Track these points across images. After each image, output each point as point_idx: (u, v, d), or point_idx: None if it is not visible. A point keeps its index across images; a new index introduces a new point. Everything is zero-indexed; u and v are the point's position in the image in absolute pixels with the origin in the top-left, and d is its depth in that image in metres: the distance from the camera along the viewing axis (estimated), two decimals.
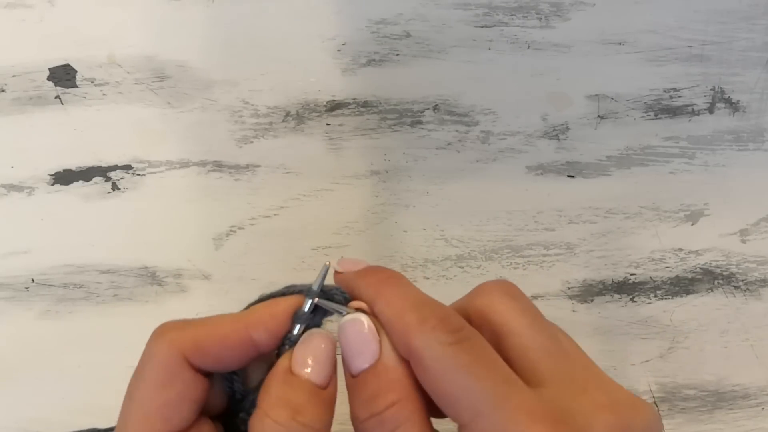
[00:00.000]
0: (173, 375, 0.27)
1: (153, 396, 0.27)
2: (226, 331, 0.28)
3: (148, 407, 0.27)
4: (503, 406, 0.24)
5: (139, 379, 0.27)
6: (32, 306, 0.49)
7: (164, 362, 0.27)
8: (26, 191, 0.49)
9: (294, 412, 0.26)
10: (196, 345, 0.27)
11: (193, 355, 0.27)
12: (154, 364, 0.27)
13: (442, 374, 0.25)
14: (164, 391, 0.27)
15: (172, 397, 0.27)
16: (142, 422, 0.27)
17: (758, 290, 0.52)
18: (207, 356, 0.28)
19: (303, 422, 0.26)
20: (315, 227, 0.50)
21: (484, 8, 0.51)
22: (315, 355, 0.28)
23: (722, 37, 0.52)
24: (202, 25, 0.50)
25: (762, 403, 0.52)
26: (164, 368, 0.27)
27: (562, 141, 0.51)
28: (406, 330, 0.26)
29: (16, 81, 0.49)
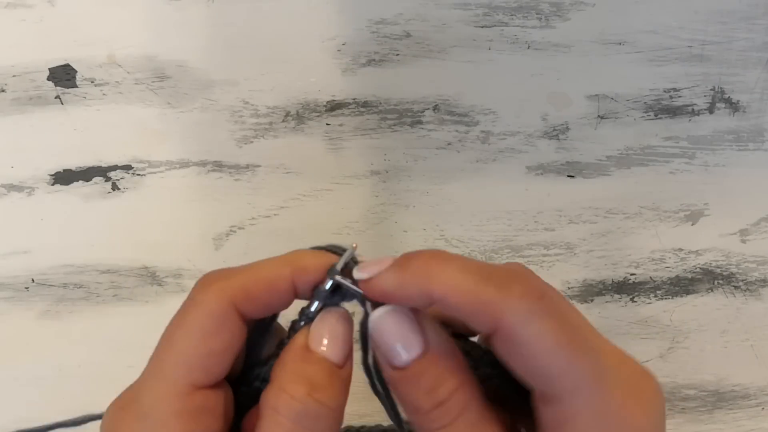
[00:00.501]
0: (221, 324, 0.26)
1: (197, 344, 0.26)
2: (273, 275, 0.27)
3: (190, 355, 0.26)
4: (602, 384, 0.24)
5: (181, 326, 0.26)
6: (32, 306, 0.49)
7: (212, 310, 0.26)
8: (26, 191, 0.49)
9: (311, 388, 0.26)
10: (245, 291, 0.27)
11: (242, 302, 0.26)
12: (201, 312, 0.26)
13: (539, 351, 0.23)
14: (210, 340, 0.26)
15: (217, 347, 0.26)
16: (181, 371, 0.26)
17: (758, 290, 0.52)
18: (255, 302, 0.27)
19: (320, 400, 0.26)
20: (315, 227, 0.50)
21: (484, 8, 0.51)
22: (332, 333, 0.27)
23: (722, 37, 0.52)
24: (202, 25, 0.50)
25: (762, 403, 0.52)
26: (212, 316, 0.26)
27: (562, 141, 0.51)
28: (488, 306, 0.24)
29: (16, 81, 0.49)
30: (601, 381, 0.24)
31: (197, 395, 0.26)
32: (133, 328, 0.49)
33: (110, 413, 0.27)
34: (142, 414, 0.25)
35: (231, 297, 0.26)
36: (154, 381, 0.26)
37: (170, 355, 0.26)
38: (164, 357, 0.26)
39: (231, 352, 0.27)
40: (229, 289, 0.27)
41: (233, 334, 0.27)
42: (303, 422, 0.25)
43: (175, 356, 0.26)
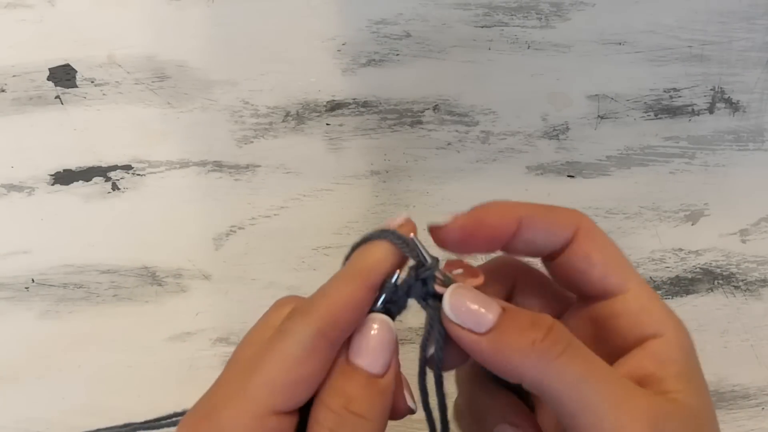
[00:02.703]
0: (311, 353, 0.27)
1: (287, 371, 0.26)
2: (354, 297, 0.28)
3: (277, 381, 0.26)
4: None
5: (270, 352, 0.27)
6: (32, 306, 0.49)
7: (303, 340, 0.27)
8: (26, 191, 0.49)
9: (347, 401, 0.27)
10: (333, 320, 0.27)
11: (331, 331, 0.27)
12: (292, 341, 0.27)
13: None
14: (300, 368, 0.26)
15: (305, 375, 0.27)
16: (265, 394, 0.26)
17: (758, 290, 0.52)
18: (342, 329, 0.28)
19: (355, 412, 0.26)
20: (315, 227, 0.50)
21: (484, 8, 0.51)
22: (371, 344, 0.28)
23: (722, 37, 0.52)
24: (202, 25, 0.50)
25: (762, 403, 0.52)
26: (303, 345, 0.27)
27: (562, 141, 0.51)
28: (566, 217, 0.30)
29: (16, 81, 0.49)
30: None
31: (274, 419, 0.26)
32: (133, 328, 0.49)
33: (187, 425, 0.27)
34: (220, 426, 0.26)
35: (320, 327, 0.27)
36: (236, 400, 0.26)
37: (257, 378, 0.26)
38: (250, 379, 0.27)
39: (317, 379, 0.27)
40: (318, 320, 0.27)
41: (322, 362, 0.27)
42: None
43: (262, 380, 0.26)
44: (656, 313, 0.29)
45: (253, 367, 0.27)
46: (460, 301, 0.28)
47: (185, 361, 0.49)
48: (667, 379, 0.27)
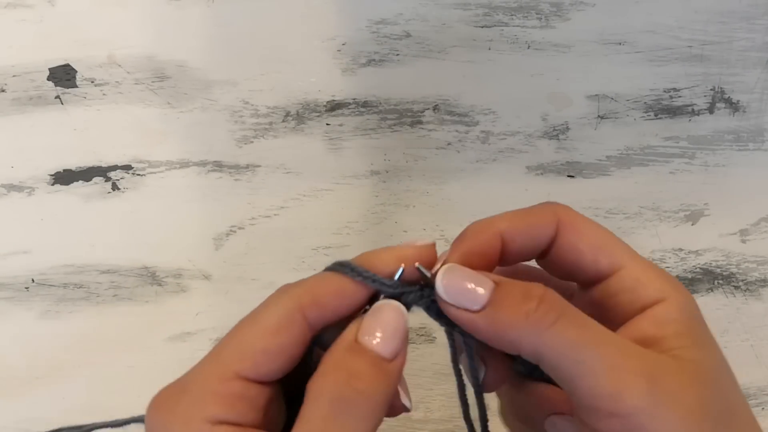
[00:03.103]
0: (284, 325, 0.28)
1: (256, 339, 0.27)
2: (342, 282, 0.29)
3: (245, 347, 0.27)
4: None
5: (248, 321, 0.28)
6: (32, 306, 0.49)
7: (279, 311, 0.28)
8: (26, 191, 0.49)
9: (350, 377, 0.27)
10: (313, 297, 0.28)
11: (309, 307, 0.28)
12: (268, 312, 0.28)
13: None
14: (269, 338, 0.27)
15: (273, 347, 0.27)
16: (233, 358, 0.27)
17: (758, 290, 0.52)
18: (322, 308, 0.28)
19: (358, 388, 0.26)
20: (315, 227, 0.50)
21: (484, 8, 0.51)
22: (384, 327, 0.28)
23: (722, 37, 0.52)
24: (202, 25, 0.50)
25: (762, 403, 0.52)
26: (277, 317, 0.28)
27: (562, 141, 0.51)
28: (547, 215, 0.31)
29: (16, 81, 0.49)
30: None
31: (239, 383, 0.27)
32: (133, 328, 0.49)
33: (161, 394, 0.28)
34: (186, 388, 0.27)
35: (299, 303, 0.28)
36: (206, 363, 0.28)
37: (229, 343, 0.28)
38: (224, 344, 0.28)
39: (288, 354, 0.28)
40: (297, 295, 0.28)
41: (295, 337, 0.28)
42: (340, 406, 0.26)
43: (233, 344, 0.28)
44: (652, 282, 0.29)
45: (231, 333, 0.28)
46: (452, 280, 0.28)
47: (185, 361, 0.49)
48: (667, 338, 0.28)
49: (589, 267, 0.30)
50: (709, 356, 0.28)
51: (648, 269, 0.30)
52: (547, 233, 0.31)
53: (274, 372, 0.28)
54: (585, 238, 0.30)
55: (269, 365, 0.27)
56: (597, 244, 0.30)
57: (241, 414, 0.27)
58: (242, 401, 0.27)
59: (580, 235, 0.30)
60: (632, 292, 0.29)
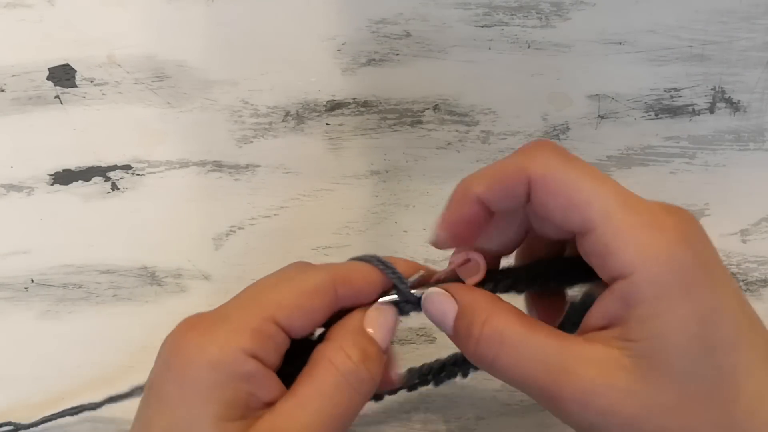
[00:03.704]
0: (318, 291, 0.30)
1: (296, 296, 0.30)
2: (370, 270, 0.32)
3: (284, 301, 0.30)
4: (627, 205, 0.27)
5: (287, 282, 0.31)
6: (32, 306, 0.49)
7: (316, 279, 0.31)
8: (25, 191, 0.49)
9: (365, 357, 0.30)
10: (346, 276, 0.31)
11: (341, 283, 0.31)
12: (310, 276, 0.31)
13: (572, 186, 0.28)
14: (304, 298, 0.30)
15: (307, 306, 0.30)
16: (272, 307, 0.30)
17: (759, 290, 0.52)
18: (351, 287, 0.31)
19: (369, 369, 0.30)
20: (315, 227, 0.50)
21: (485, 8, 0.51)
22: (385, 324, 0.32)
23: (723, 36, 0.52)
24: (201, 25, 0.50)
25: None
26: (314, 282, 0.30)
27: (563, 141, 0.51)
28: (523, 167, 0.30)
29: (15, 81, 0.49)
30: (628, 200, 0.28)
31: (274, 326, 0.29)
32: (133, 329, 0.49)
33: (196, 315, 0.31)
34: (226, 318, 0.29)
35: (334, 277, 0.31)
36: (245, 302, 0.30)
37: (267, 292, 0.30)
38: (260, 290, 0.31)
39: (316, 317, 0.31)
40: (332, 270, 0.31)
41: (324, 304, 0.30)
42: (350, 380, 0.29)
43: (274, 296, 0.30)
44: (621, 251, 0.26)
45: (265, 286, 0.31)
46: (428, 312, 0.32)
47: None
48: (630, 322, 0.26)
49: (560, 227, 0.29)
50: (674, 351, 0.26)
51: (623, 231, 0.27)
52: (520, 193, 0.29)
53: (300, 328, 0.30)
54: (555, 195, 0.28)
55: (299, 320, 0.30)
56: (567, 202, 0.28)
57: (269, 355, 0.29)
58: (272, 343, 0.29)
59: (550, 193, 0.28)
60: (601, 258, 0.27)
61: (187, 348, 0.28)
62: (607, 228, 0.27)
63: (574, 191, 0.28)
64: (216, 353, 0.28)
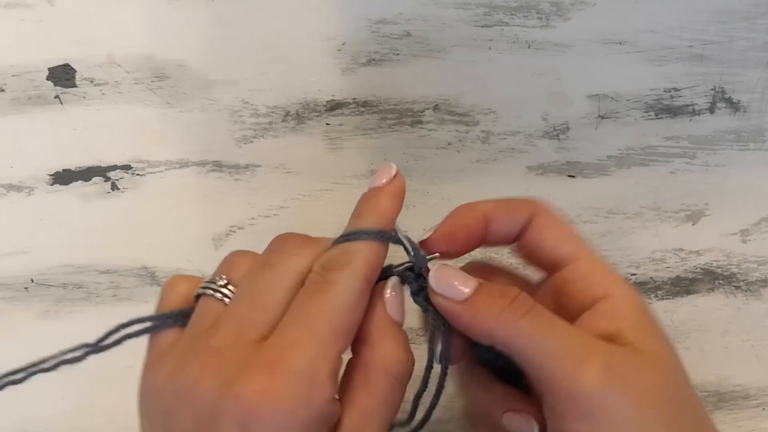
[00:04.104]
0: (361, 299, 0.30)
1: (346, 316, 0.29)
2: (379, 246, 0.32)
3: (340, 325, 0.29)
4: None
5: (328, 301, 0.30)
6: (31, 306, 0.49)
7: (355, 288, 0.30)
8: (25, 191, 0.49)
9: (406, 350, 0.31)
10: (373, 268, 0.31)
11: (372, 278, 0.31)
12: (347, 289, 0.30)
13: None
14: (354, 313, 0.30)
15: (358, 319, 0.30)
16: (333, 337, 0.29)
17: (759, 290, 0.52)
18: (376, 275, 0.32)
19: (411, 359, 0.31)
20: (315, 227, 0.50)
21: (485, 8, 0.51)
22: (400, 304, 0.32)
23: (723, 36, 0.52)
24: (201, 25, 0.50)
25: (763, 404, 0.52)
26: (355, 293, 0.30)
27: (563, 141, 0.51)
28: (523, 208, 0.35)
29: (15, 81, 0.49)
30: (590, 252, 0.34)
31: (339, 361, 0.29)
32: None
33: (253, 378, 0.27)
34: (299, 373, 0.27)
35: (366, 275, 0.30)
36: (308, 345, 0.28)
37: (322, 323, 0.29)
38: (316, 324, 0.28)
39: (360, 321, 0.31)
40: (363, 269, 0.30)
41: (365, 306, 0.31)
42: (403, 380, 0.30)
43: (328, 325, 0.29)
44: (603, 276, 0.33)
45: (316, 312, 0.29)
46: (444, 274, 0.32)
47: None
48: (624, 332, 0.31)
49: (550, 251, 0.34)
50: (663, 348, 0.31)
51: (600, 265, 0.33)
52: (522, 219, 0.35)
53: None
54: (551, 228, 0.34)
55: (353, 337, 0.30)
56: (560, 234, 0.34)
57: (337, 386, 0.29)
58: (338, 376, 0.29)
59: (547, 225, 0.34)
60: (585, 281, 0.33)
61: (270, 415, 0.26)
62: (589, 259, 0.34)
63: (565, 229, 0.35)
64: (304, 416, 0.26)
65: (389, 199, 0.34)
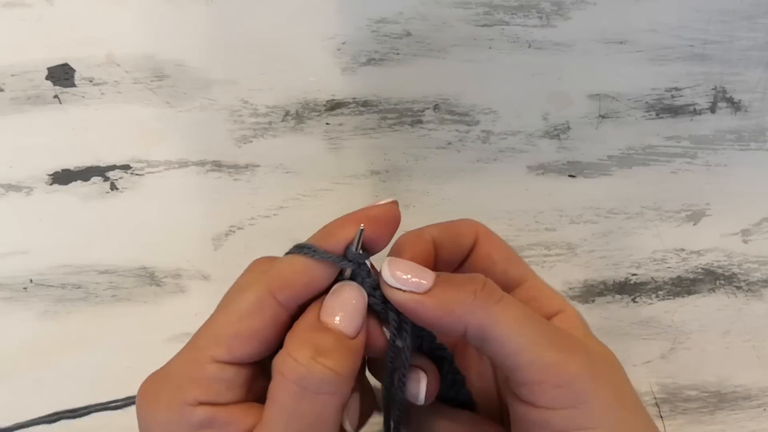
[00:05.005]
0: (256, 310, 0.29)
1: (229, 325, 0.29)
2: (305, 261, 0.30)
3: (218, 333, 0.29)
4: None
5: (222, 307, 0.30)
6: (31, 306, 0.49)
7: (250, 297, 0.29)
8: (24, 191, 0.49)
9: (316, 353, 0.27)
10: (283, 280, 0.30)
11: (279, 291, 0.29)
12: (240, 298, 0.30)
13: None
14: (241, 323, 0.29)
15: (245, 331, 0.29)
16: (207, 344, 0.29)
17: (760, 290, 0.52)
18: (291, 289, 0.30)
19: (324, 364, 0.27)
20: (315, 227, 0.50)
21: (485, 7, 0.51)
22: (344, 306, 0.29)
23: (724, 36, 0.52)
24: (201, 25, 0.50)
25: (764, 404, 0.52)
26: (249, 303, 0.29)
27: (563, 140, 0.51)
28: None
29: (14, 80, 0.49)
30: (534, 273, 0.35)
31: (215, 367, 0.28)
32: (132, 329, 0.49)
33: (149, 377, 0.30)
34: (167, 376, 0.29)
35: (270, 286, 0.29)
36: (184, 351, 0.29)
37: (205, 330, 0.29)
38: (200, 331, 0.30)
39: (262, 337, 0.29)
40: (266, 280, 0.29)
41: (268, 320, 0.29)
42: (308, 385, 0.27)
43: (207, 331, 0.29)
44: (552, 295, 0.34)
45: (206, 323, 0.30)
46: (398, 267, 0.30)
47: None
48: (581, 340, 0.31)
49: (500, 276, 0.34)
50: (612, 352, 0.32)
51: (546, 285, 0.35)
52: (468, 242, 0.34)
53: (249, 354, 0.29)
54: (498, 250, 0.34)
55: (243, 348, 0.29)
56: (507, 257, 0.34)
57: (219, 394, 0.28)
58: (219, 383, 0.28)
59: (493, 247, 0.34)
60: (538, 300, 0.33)
61: (144, 417, 0.29)
62: (537, 279, 0.34)
63: (510, 251, 0.35)
64: (164, 416, 0.28)
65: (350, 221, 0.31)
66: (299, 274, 0.30)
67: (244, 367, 0.29)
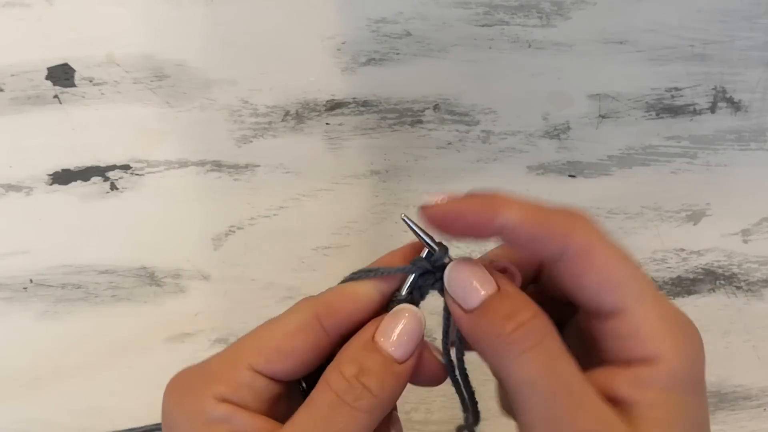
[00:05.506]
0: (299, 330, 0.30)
1: (272, 338, 0.30)
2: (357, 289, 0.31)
3: (262, 344, 0.30)
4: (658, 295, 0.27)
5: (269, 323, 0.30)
6: (30, 306, 0.49)
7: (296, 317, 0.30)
8: (24, 191, 0.49)
9: (360, 372, 0.28)
10: (328, 305, 0.30)
11: (325, 315, 0.30)
12: (286, 317, 0.30)
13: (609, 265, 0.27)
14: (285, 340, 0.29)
15: (287, 348, 0.29)
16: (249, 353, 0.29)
17: (760, 290, 0.52)
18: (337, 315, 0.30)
19: (365, 384, 0.28)
20: (315, 227, 0.50)
21: (485, 7, 0.51)
22: (400, 329, 0.29)
23: (724, 36, 0.52)
24: (201, 25, 0.50)
25: (764, 404, 0.52)
26: (294, 322, 0.30)
27: (563, 140, 0.51)
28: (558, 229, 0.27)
29: (14, 80, 0.49)
30: (657, 292, 0.28)
31: (250, 374, 0.29)
32: (132, 329, 0.49)
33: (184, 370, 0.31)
34: (203, 372, 0.30)
35: (317, 310, 0.30)
36: (225, 353, 0.30)
37: (249, 339, 0.30)
38: (245, 339, 0.30)
39: (302, 357, 0.30)
40: (313, 304, 0.30)
41: (310, 342, 0.30)
42: (346, 398, 0.28)
43: (252, 340, 0.30)
44: (650, 337, 0.27)
45: (251, 333, 0.30)
46: (458, 274, 0.29)
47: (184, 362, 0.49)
48: (639, 406, 0.26)
49: (588, 302, 0.28)
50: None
51: (652, 319, 0.27)
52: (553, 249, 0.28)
53: (284, 370, 0.29)
54: (594, 271, 0.27)
55: (281, 364, 0.29)
56: (605, 281, 0.27)
57: (245, 399, 0.29)
58: (248, 389, 0.29)
59: (589, 267, 0.27)
60: (626, 341, 0.27)
61: (170, 405, 0.30)
62: (640, 312, 0.27)
63: (614, 270, 0.27)
64: (191, 404, 0.29)
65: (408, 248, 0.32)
66: (344, 302, 0.30)
67: (275, 384, 0.30)
